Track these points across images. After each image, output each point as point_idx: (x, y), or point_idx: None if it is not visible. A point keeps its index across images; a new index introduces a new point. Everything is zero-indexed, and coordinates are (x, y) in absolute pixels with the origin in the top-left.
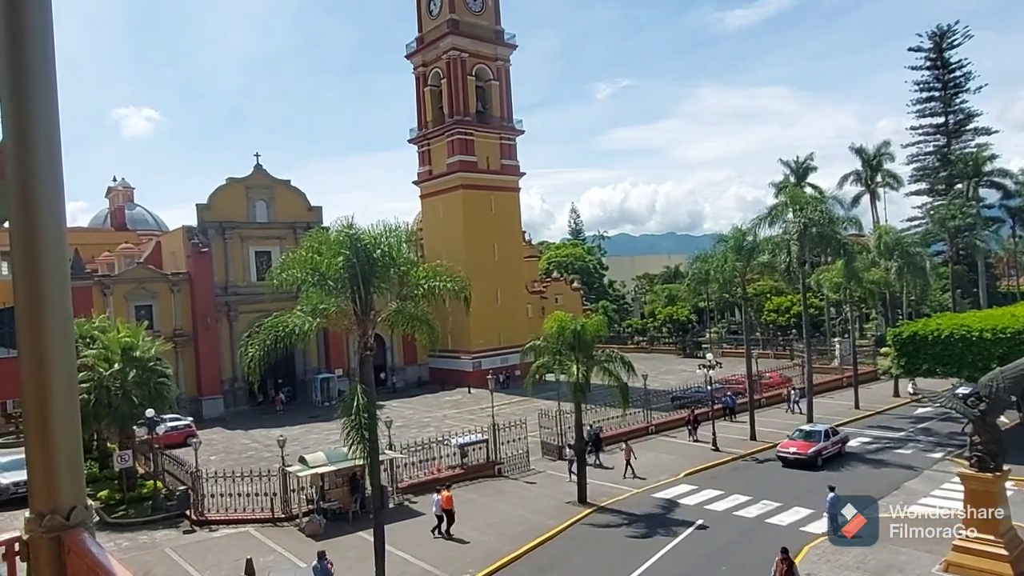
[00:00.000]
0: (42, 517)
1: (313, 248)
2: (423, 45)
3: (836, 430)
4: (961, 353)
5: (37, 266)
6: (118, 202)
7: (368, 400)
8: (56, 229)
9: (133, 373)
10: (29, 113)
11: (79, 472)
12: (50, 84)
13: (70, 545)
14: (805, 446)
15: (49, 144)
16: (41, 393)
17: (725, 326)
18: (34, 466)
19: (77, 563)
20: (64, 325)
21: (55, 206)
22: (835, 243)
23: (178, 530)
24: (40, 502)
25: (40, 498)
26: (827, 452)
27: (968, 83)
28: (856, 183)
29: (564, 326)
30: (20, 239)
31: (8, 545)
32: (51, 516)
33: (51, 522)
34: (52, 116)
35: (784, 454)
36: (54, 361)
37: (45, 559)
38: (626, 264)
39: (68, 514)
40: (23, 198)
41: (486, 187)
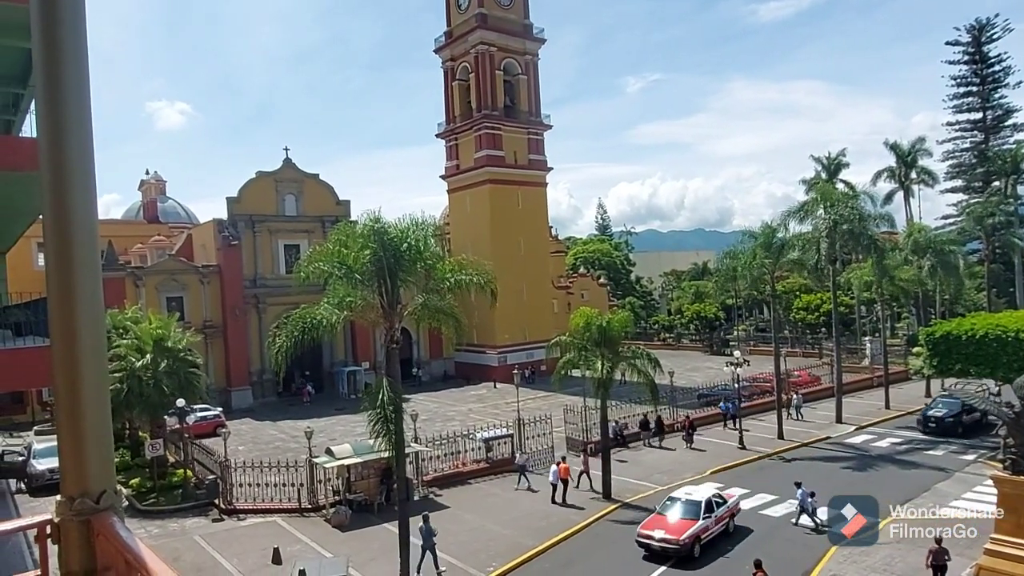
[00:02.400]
0: (72, 501)
1: (340, 241)
2: (451, 40)
3: (723, 497)
4: (996, 353)
5: (69, 258)
6: (151, 195)
7: (394, 393)
8: (88, 222)
9: (164, 363)
10: (62, 109)
11: (109, 458)
12: (83, 80)
13: (99, 528)
14: (678, 528)
15: (81, 139)
16: (72, 381)
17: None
18: (65, 452)
19: (106, 545)
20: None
21: (87, 199)
22: (866, 240)
23: (207, 518)
24: (71, 486)
25: (71, 482)
26: (709, 534)
27: (1007, 78)
28: (890, 180)
29: (590, 322)
30: (53, 231)
31: (40, 528)
32: (81, 500)
33: (81, 506)
34: (85, 111)
35: (647, 540)
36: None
37: (75, 541)
38: (653, 260)
39: (98, 498)
40: (56, 191)
41: (513, 182)
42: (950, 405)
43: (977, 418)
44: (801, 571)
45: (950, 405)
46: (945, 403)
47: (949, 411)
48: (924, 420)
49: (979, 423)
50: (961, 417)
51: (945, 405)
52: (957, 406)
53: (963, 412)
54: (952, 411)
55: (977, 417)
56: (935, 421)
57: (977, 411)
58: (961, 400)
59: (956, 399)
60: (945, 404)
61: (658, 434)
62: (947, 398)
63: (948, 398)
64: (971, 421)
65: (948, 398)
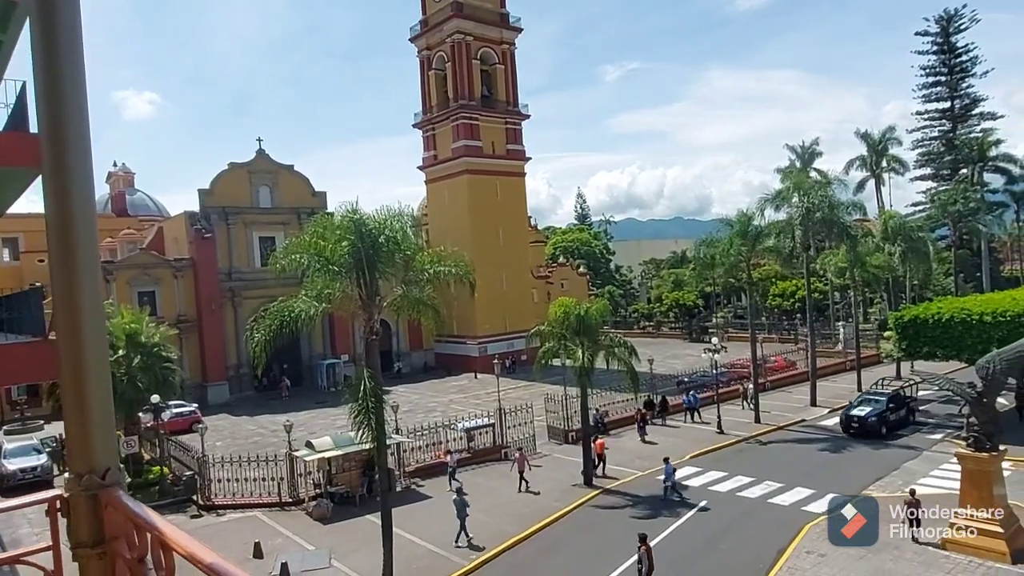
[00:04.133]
0: (80, 477)
1: (318, 233)
2: (427, 28)
3: None
4: (961, 336)
5: (72, 252)
6: (119, 187)
7: (375, 384)
8: (87, 217)
9: (138, 359)
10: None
11: (112, 438)
12: (80, 81)
13: (107, 501)
14: None
15: (80, 136)
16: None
17: (732, 311)
18: (72, 433)
19: (115, 516)
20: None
21: (86, 195)
22: (838, 228)
23: (185, 515)
24: (78, 464)
25: (78, 460)
26: None
27: (974, 68)
28: (862, 168)
29: (569, 311)
30: (56, 226)
31: (51, 502)
32: (88, 476)
33: (89, 481)
34: (82, 109)
35: None
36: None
37: (83, 514)
38: (633, 249)
39: (104, 474)
40: (57, 187)
41: (491, 172)
42: (874, 403)
43: (903, 416)
44: (776, 549)
45: (874, 403)
46: (869, 400)
47: (873, 409)
48: (846, 420)
49: (905, 420)
50: (886, 416)
51: (869, 403)
52: (882, 404)
53: (887, 410)
54: (876, 409)
55: (903, 415)
56: (857, 421)
57: (902, 408)
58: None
59: (881, 396)
60: (869, 402)
61: (662, 414)
62: (871, 395)
63: (872, 395)
64: (897, 419)
65: (872, 395)
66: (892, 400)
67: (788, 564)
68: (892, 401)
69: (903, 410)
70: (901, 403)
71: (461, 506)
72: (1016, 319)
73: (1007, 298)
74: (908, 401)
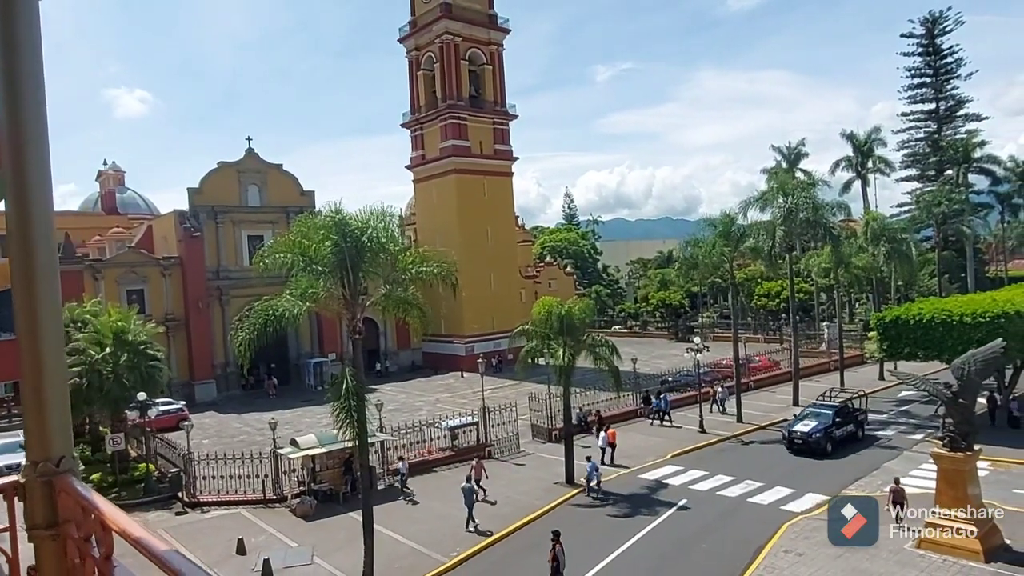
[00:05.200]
0: (36, 465)
1: (302, 233)
2: (416, 29)
3: None
4: (941, 337)
5: (32, 249)
6: (108, 186)
7: (357, 383)
8: (46, 214)
9: (124, 357)
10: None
11: (67, 428)
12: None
13: (61, 487)
14: None
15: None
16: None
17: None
18: (30, 424)
19: (67, 500)
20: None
21: (44, 194)
22: (822, 229)
23: (170, 511)
24: (35, 452)
25: (35, 449)
26: None
27: (959, 69)
28: (848, 169)
29: (552, 311)
30: (16, 225)
31: (7, 488)
32: (44, 464)
33: (44, 468)
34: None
35: None
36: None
37: (39, 499)
38: (621, 249)
39: (58, 462)
40: (18, 186)
41: (479, 172)
42: (819, 417)
43: (851, 431)
44: (755, 547)
45: (819, 417)
46: (814, 414)
47: (818, 425)
48: (788, 436)
49: (853, 436)
50: (831, 432)
51: (813, 417)
52: (827, 418)
53: (833, 425)
54: (821, 424)
55: (851, 430)
56: (800, 438)
57: (850, 422)
58: (833, 409)
59: (827, 409)
60: (814, 416)
61: (667, 413)
62: (817, 407)
63: (818, 408)
64: (844, 435)
65: (818, 408)
66: (839, 414)
67: (765, 563)
68: (839, 415)
69: (851, 424)
70: (849, 417)
71: (469, 492)
72: (995, 320)
73: (987, 299)
74: (856, 414)
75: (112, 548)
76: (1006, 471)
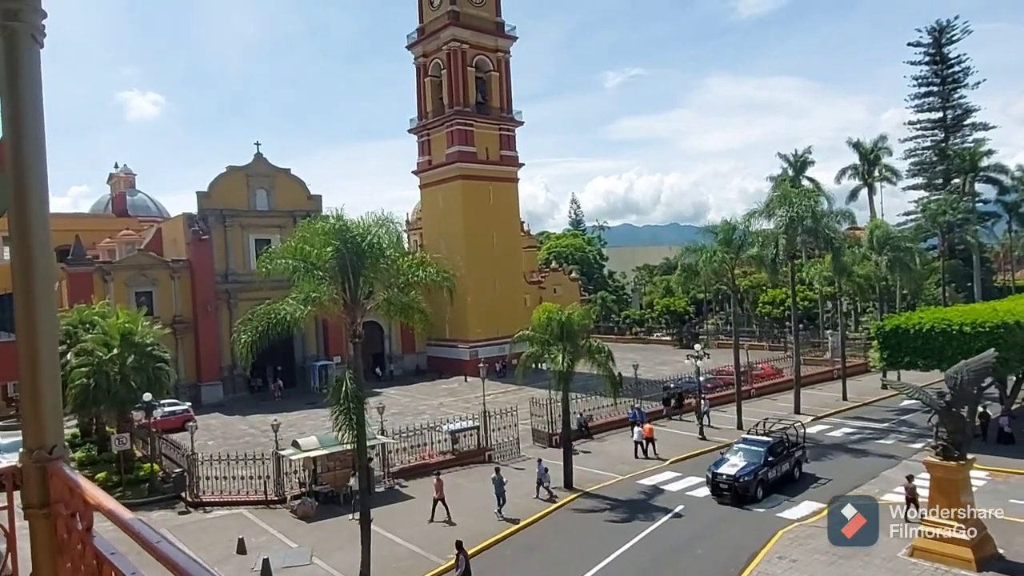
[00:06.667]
0: (32, 452)
1: (304, 238)
2: (424, 36)
3: None
4: (942, 347)
5: (30, 253)
6: (119, 188)
7: (356, 386)
8: (42, 219)
9: (131, 358)
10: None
11: (59, 420)
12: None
13: (53, 472)
14: None
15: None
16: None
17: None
18: (26, 415)
19: (58, 484)
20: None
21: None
22: (823, 237)
23: (174, 511)
24: (31, 441)
25: (31, 438)
26: None
27: (966, 78)
28: (854, 177)
29: (551, 317)
30: (17, 231)
31: (6, 473)
32: (38, 451)
33: (38, 455)
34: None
35: None
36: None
37: (34, 483)
38: (628, 255)
39: (51, 450)
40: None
41: (485, 177)
42: (749, 455)
43: (787, 471)
44: (749, 553)
45: (749, 455)
46: (744, 450)
47: (747, 465)
48: (712, 479)
49: (789, 476)
50: (764, 473)
51: (744, 454)
52: (758, 456)
53: (766, 465)
54: (751, 464)
55: (787, 470)
56: (726, 482)
57: (786, 460)
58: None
59: (760, 444)
60: (743, 452)
61: (677, 409)
62: (749, 442)
63: (749, 443)
64: (778, 476)
65: (749, 443)
66: (772, 451)
67: (759, 569)
68: (772, 452)
69: (787, 463)
70: (785, 454)
71: (499, 483)
72: (994, 330)
73: (988, 309)
74: (794, 450)
75: (92, 521)
76: (1004, 481)
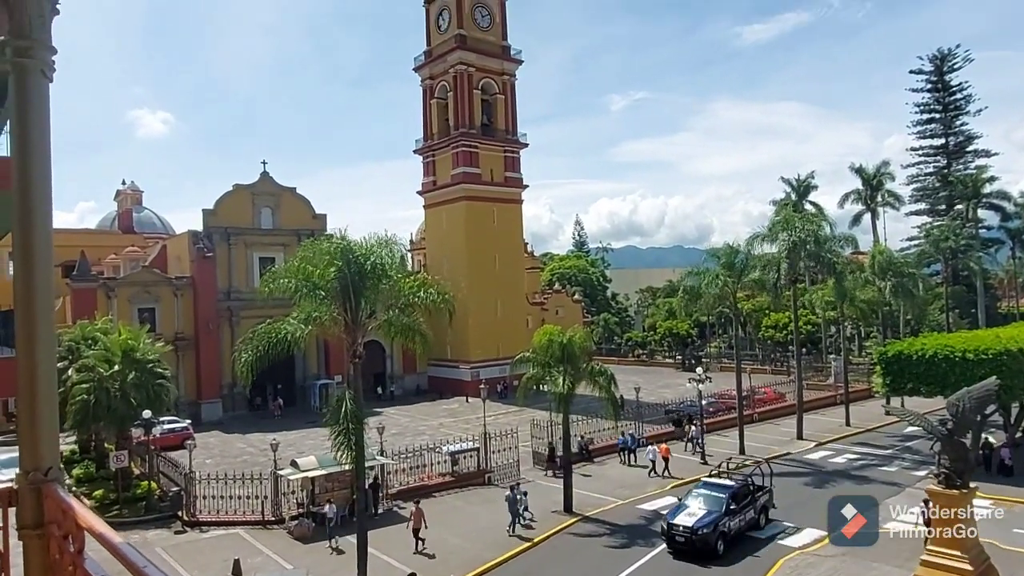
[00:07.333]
0: (28, 473)
1: (307, 258)
2: (431, 59)
3: None
4: (945, 373)
5: (32, 272)
6: (126, 205)
7: (356, 406)
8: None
9: (132, 375)
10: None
11: (55, 442)
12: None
13: (47, 493)
14: None
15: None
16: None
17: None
18: (23, 438)
19: (52, 505)
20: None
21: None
22: (825, 262)
23: (170, 530)
24: (27, 462)
25: (27, 459)
26: None
27: (968, 105)
28: (857, 202)
29: (552, 339)
30: (20, 247)
31: (2, 494)
32: (34, 473)
33: (34, 477)
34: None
35: None
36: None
37: (29, 504)
38: (631, 277)
39: (46, 472)
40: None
41: (489, 199)
42: (710, 501)
43: (752, 518)
44: None
45: (710, 501)
46: (704, 496)
47: (707, 512)
48: (667, 531)
49: (755, 525)
50: (726, 523)
51: (704, 500)
52: (719, 503)
53: (728, 513)
54: (711, 512)
55: (751, 518)
56: (683, 535)
57: (750, 506)
58: (730, 489)
59: (722, 488)
60: (704, 499)
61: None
62: (707, 487)
63: (709, 487)
64: (741, 525)
65: (709, 487)
66: (735, 496)
67: None
68: (735, 498)
69: (751, 510)
70: (749, 499)
71: (513, 501)
72: (998, 357)
73: (991, 336)
74: (760, 495)
75: (83, 544)
76: (1008, 510)
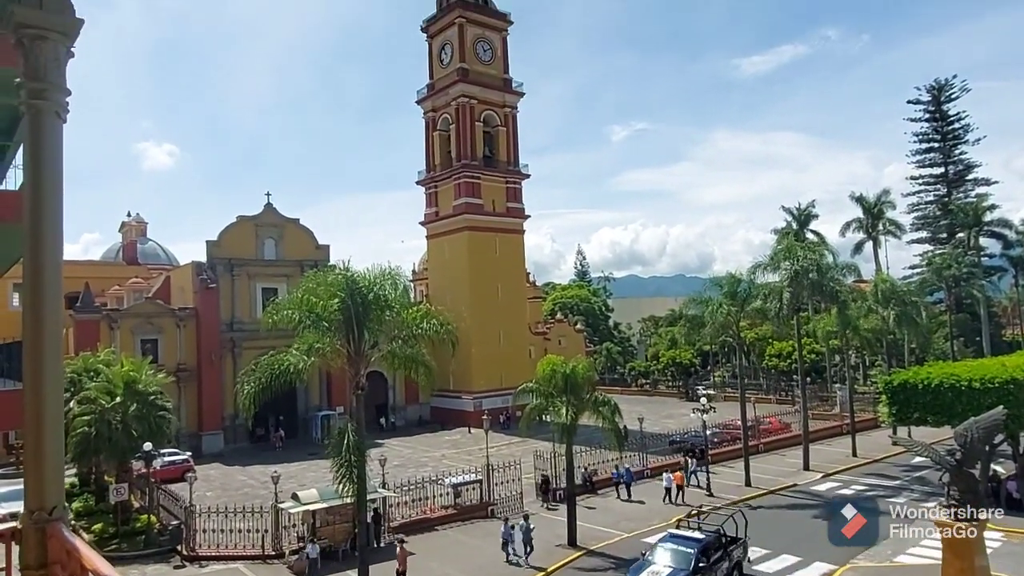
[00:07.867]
0: (32, 513)
1: (310, 290)
2: (433, 91)
3: None
4: (951, 402)
5: (40, 306)
6: (131, 236)
7: (358, 438)
8: (55, 279)
9: (134, 407)
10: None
11: (61, 481)
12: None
13: (52, 533)
14: None
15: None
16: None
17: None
18: (29, 475)
19: (56, 546)
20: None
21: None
22: (827, 291)
23: (169, 565)
24: (32, 501)
25: (32, 498)
26: None
27: (967, 135)
28: (858, 231)
29: (555, 369)
30: (30, 288)
31: (6, 534)
32: (39, 512)
33: (39, 517)
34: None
35: None
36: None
37: (33, 543)
38: (633, 306)
39: (51, 511)
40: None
41: (491, 229)
42: (677, 557)
43: (726, 571)
44: None
45: (677, 557)
46: (671, 552)
47: (673, 570)
48: None
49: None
50: (700, 571)
51: (671, 556)
52: (687, 559)
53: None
54: (679, 570)
55: (725, 572)
56: None
57: (724, 559)
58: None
59: (693, 541)
60: (671, 555)
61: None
62: (676, 539)
63: (678, 539)
64: None
65: (678, 539)
66: (706, 551)
67: None
68: (705, 552)
69: (724, 565)
70: (721, 553)
71: (526, 531)
72: (1004, 386)
73: (997, 364)
74: (733, 548)
75: None
76: (1020, 543)
